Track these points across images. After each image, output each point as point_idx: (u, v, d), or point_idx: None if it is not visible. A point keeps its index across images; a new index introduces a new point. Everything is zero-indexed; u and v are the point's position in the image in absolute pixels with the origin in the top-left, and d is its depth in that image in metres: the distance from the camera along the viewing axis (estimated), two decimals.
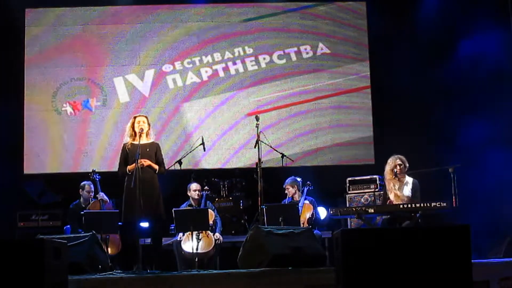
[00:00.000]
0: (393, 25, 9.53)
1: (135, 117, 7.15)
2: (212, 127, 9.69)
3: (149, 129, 7.09)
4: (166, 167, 8.15)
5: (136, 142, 6.94)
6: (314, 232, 6.86)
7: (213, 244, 7.65)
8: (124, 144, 7.09)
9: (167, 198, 8.22)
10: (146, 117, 7.14)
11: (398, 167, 7.22)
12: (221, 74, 9.83)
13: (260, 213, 7.34)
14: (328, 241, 8.01)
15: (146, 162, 6.88)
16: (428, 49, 9.46)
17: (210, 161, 9.60)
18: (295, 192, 8.05)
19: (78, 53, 9.77)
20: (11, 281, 4.30)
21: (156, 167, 6.99)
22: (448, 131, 9.20)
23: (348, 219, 8.02)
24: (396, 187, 7.21)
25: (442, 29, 9.30)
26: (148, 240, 7.22)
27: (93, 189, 8.23)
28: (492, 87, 9.08)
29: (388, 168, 7.33)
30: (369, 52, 9.90)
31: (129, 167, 6.94)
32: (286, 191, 8.14)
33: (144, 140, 7.01)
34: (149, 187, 6.88)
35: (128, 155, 7.02)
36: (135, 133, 7.02)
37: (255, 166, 7.48)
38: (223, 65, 9.85)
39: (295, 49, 9.93)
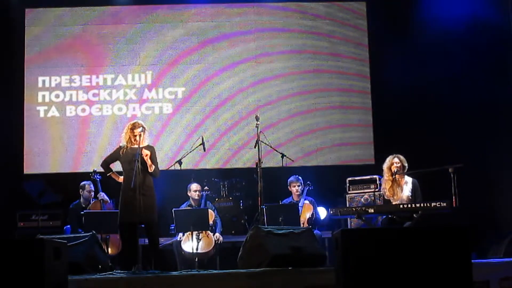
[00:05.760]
0: (393, 25, 9.52)
1: (131, 128, 7.02)
2: (212, 127, 9.68)
3: (144, 134, 6.99)
4: (166, 167, 8.17)
5: (134, 146, 6.90)
6: (314, 232, 6.86)
7: (213, 244, 7.66)
8: (120, 147, 7.05)
9: (167, 198, 8.24)
10: (142, 125, 7.02)
11: (395, 165, 7.23)
12: (221, 74, 9.82)
13: (260, 213, 7.34)
14: (328, 241, 8.01)
15: (147, 154, 6.83)
16: (428, 49, 9.45)
17: (210, 161, 9.59)
18: (302, 189, 8.08)
19: (78, 53, 9.77)
20: (11, 281, 4.30)
21: (152, 166, 6.89)
22: (449, 131, 9.20)
23: (348, 219, 8.02)
24: (394, 187, 7.22)
25: (442, 28, 9.29)
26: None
27: (93, 189, 8.25)
28: (493, 86, 9.07)
29: (385, 166, 7.34)
30: (369, 52, 9.89)
31: (120, 179, 6.99)
32: (292, 189, 8.14)
33: (140, 145, 6.96)
34: (147, 191, 6.83)
35: (119, 158, 7.00)
36: (130, 140, 6.96)
37: (255, 166, 7.48)
38: (223, 65, 9.85)
39: (296, 48, 9.93)
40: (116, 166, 7.22)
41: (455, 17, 9.17)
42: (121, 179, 7.03)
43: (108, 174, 7.18)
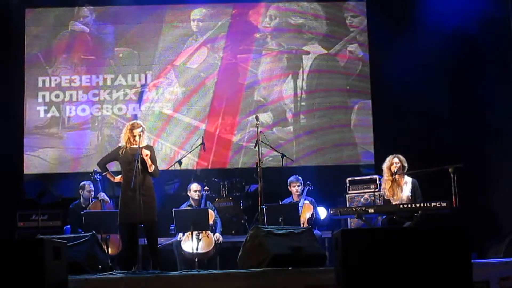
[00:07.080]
0: (393, 25, 9.52)
1: (130, 129, 6.99)
2: (212, 127, 9.68)
3: (143, 134, 6.97)
4: (166, 167, 8.17)
5: (133, 146, 6.87)
6: (314, 232, 6.86)
7: (213, 244, 7.66)
8: (120, 147, 7.03)
9: (167, 198, 8.24)
10: (141, 125, 6.98)
11: (395, 165, 7.24)
12: (221, 74, 9.82)
13: (260, 213, 7.34)
14: (328, 241, 8.01)
15: (147, 154, 6.81)
16: (428, 49, 9.45)
17: (210, 161, 9.58)
18: (302, 189, 8.07)
19: (78, 53, 9.77)
20: (11, 281, 4.30)
21: (151, 166, 6.86)
22: (449, 131, 9.20)
23: (348, 219, 8.02)
24: (394, 187, 7.24)
25: (442, 28, 9.29)
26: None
27: (93, 189, 8.24)
28: (493, 86, 9.07)
29: (385, 166, 7.35)
30: (369, 52, 9.89)
31: (116, 179, 6.99)
32: (292, 189, 8.13)
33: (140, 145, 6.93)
34: (146, 191, 6.81)
35: (119, 158, 6.96)
36: (130, 140, 6.93)
37: (255, 166, 7.48)
38: (223, 65, 9.84)
39: (296, 49, 9.93)
40: (115, 166, 7.22)
41: (455, 17, 9.16)
42: (116, 179, 7.02)
43: (103, 174, 7.17)
